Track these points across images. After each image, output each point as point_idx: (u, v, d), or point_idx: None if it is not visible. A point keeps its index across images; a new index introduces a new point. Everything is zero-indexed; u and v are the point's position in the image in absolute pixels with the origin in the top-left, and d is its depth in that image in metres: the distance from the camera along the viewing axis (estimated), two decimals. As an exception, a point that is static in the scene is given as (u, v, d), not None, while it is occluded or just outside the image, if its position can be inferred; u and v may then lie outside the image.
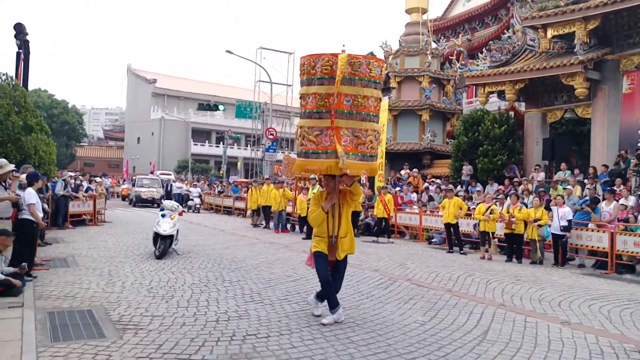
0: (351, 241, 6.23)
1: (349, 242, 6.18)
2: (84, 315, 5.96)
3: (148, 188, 30.00)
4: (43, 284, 7.56)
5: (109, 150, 77.93)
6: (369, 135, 5.85)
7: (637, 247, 10.89)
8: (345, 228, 6.12)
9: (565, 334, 5.96)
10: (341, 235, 6.07)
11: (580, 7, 16.66)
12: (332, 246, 6.03)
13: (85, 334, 5.28)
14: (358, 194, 6.28)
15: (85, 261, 9.68)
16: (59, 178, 15.78)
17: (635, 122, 16.64)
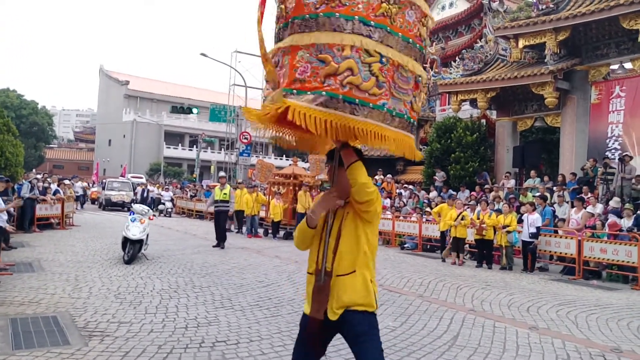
0: (362, 285, 3.04)
1: (354, 285, 3.04)
2: (49, 321, 5.82)
3: (118, 191, 29.60)
4: (6, 290, 7.36)
5: (79, 153, 76.64)
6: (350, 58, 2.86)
7: (604, 254, 11.13)
8: (349, 256, 3.06)
9: (533, 339, 6.03)
10: (337, 270, 3.07)
11: (551, 19, 16.98)
12: (319, 291, 3.15)
13: (49, 341, 5.16)
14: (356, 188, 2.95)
15: (52, 266, 9.47)
16: (26, 180, 15.45)
17: (603, 132, 17.01)
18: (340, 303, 3.06)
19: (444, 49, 32.29)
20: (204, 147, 53.27)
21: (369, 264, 3.12)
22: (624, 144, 16.33)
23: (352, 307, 3.05)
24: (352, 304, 3.04)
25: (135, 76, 68.21)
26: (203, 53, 32.43)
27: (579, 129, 17.91)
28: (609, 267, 11.37)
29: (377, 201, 3.03)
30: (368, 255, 3.11)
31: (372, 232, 3.13)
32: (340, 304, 3.06)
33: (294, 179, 17.82)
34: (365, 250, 3.10)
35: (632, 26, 15.09)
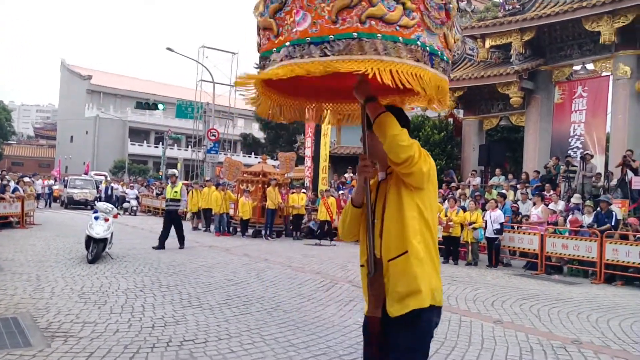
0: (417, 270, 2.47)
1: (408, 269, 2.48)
2: (9, 323, 5.64)
3: (81, 189, 28.99)
4: (-35, 290, 7.15)
5: (39, 149, 74.75)
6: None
7: (565, 249, 11.44)
8: (398, 235, 2.52)
9: (498, 333, 6.15)
10: (386, 254, 2.56)
11: (517, 19, 17.31)
12: (372, 284, 2.66)
13: (9, 342, 5.00)
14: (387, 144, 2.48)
15: (11, 266, 9.19)
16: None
17: (566, 131, 17.43)
18: (397, 295, 2.50)
19: (411, 47, 32.58)
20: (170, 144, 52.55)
21: (427, 241, 2.53)
22: (585, 142, 16.76)
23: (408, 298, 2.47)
24: (407, 295, 2.47)
25: (98, 71, 66.93)
26: (169, 48, 31.99)
27: (542, 128, 18.32)
28: (570, 262, 11.67)
29: (422, 159, 2.45)
30: (423, 230, 2.52)
31: (425, 200, 2.54)
32: (397, 295, 2.50)
33: (262, 176, 17.76)
34: (416, 224, 2.50)
35: (594, 28, 15.49)
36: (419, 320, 2.47)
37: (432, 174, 2.52)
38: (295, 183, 22.20)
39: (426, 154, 2.51)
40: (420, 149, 2.49)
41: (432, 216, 2.57)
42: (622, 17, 14.95)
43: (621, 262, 10.46)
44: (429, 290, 2.47)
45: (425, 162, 2.47)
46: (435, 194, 2.63)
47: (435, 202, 2.64)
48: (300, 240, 16.69)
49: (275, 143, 42.14)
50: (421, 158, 2.45)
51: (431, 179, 2.53)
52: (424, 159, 2.46)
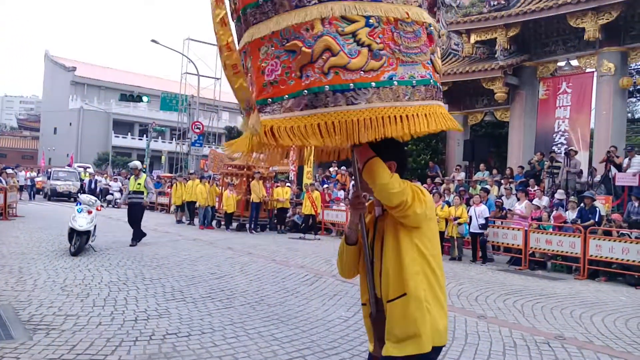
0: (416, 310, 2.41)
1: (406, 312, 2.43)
2: (-10, 315, 5.59)
3: (64, 181, 28.72)
4: (-56, 282, 7.04)
5: (22, 141, 73.75)
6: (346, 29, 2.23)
7: (549, 245, 11.52)
8: (396, 276, 2.46)
9: (482, 328, 6.18)
10: (386, 295, 2.51)
11: (502, 15, 17.37)
12: (374, 324, 2.60)
13: (-9, 335, 4.95)
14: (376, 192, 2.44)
15: (-6, 257, 9.10)
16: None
17: (550, 127, 17.56)
18: (394, 338, 2.45)
19: (397, 42, 32.62)
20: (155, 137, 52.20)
21: (430, 280, 2.46)
22: (570, 139, 16.90)
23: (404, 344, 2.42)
24: (404, 341, 2.42)
25: (82, 62, 66.13)
26: (154, 40, 31.73)
27: (526, 124, 18.44)
28: (554, 258, 11.76)
29: (416, 201, 2.38)
30: (426, 270, 2.45)
31: (424, 238, 2.48)
32: (395, 338, 2.45)
33: (247, 170, 17.67)
34: (416, 266, 2.44)
35: (579, 24, 15.60)
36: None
37: (429, 212, 2.46)
38: (280, 176, 22.12)
39: (421, 193, 2.43)
40: (414, 190, 2.42)
41: (434, 252, 2.50)
42: (606, 14, 15.07)
43: (604, 258, 10.55)
44: (430, 333, 2.40)
45: (421, 204, 2.39)
46: (435, 227, 2.58)
47: (436, 236, 2.56)
48: (285, 234, 16.66)
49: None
50: (415, 201, 2.38)
51: (428, 216, 2.47)
52: (418, 201, 2.39)
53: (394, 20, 2.29)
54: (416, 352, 2.39)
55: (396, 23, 2.30)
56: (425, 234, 2.48)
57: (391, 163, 2.52)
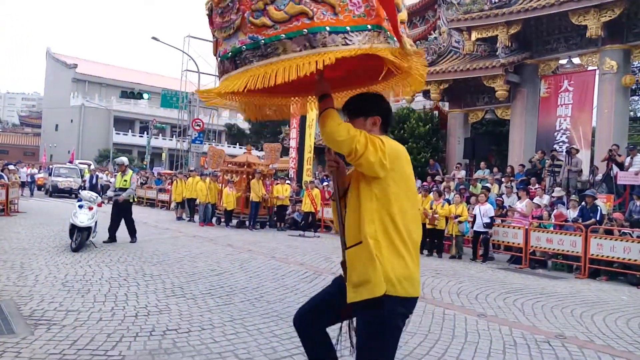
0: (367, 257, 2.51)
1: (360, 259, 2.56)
2: (-9, 310, 5.59)
3: (65, 177, 28.76)
4: (-55, 278, 7.04)
5: (24, 138, 73.82)
6: None
7: (550, 244, 11.50)
8: (354, 224, 2.61)
9: (482, 326, 6.16)
10: (347, 242, 2.69)
11: (503, 12, 17.33)
12: (343, 269, 2.79)
13: (-9, 330, 4.95)
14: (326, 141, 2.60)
15: (-6, 253, 9.11)
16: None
17: (552, 125, 17.54)
18: (351, 284, 2.58)
19: (398, 40, 32.52)
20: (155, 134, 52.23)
21: (388, 230, 2.51)
22: (571, 137, 16.88)
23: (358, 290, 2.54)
24: (358, 286, 2.54)
25: (83, 59, 66.13)
26: (155, 37, 31.71)
27: (528, 122, 18.41)
28: (555, 257, 11.75)
29: (369, 149, 2.46)
30: (384, 219, 2.52)
31: (386, 188, 2.53)
32: (351, 284, 2.59)
33: (247, 167, 17.67)
34: (373, 214, 2.52)
35: (581, 22, 15.56)
36: (374, 308, 2.49)
37: (390, 162, 2.50)
38: (280, 174, 22.13)
39: (380, 142, 2.49)
40: (370, 138, 2.48)
41: (397, 204, 2.54)
42: (608, 11, 15.03)
43: (605, 257, 10.54)
44: (382, 279, 2.46)
45: (376, 152, 2.46)
46: (404, 183, 2.61)
47: (404, 191, 2.59)
48: (284, 232, 16.66)
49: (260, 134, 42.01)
50: (368, 149, 2.45)
51: (390, 166, 2.51)
52: (373, 149, 2.46)
53: None
54: (369, 297, 2.47)
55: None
56: (388, 185, 2.53)
57: (375, 118, 2.70)
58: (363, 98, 2.77)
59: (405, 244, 2.54)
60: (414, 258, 2.57)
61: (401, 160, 2.59)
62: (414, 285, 2.56)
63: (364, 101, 2.73)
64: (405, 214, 2.57)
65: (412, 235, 2.58)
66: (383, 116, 2.73)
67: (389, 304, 2.48)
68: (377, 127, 2.72)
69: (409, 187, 2.63)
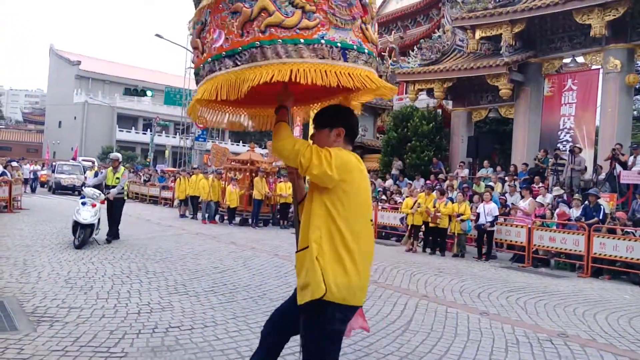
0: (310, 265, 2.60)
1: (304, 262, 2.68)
2: (-6, 307, 5.60)
3: (69, 174, 28.82)
4: (-51, 274, 7.07)
5: (27, 134, 73.92)
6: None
7: (552, 242, 11.49)
8: (304, 230, 2.74)
9: (484, 324, 6.17)
10: (298, 245, 2.84)
11: (507, 11, 17.29)
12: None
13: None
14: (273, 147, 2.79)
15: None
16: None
17: (555, 124, 17.51)
18: (298, 286, 2.71)
19: (402, 38, 32.47)
20: (159, 131, 52.30)
21: (333, 238, 2.59)
22: (575, 136, 16.86)
23: (303, 292, 2.63)
24: (302, 289, 2.64)
25: (87, 56, 66.16)
26: (158, 34, 31.71)
27: (531, 121, 18.37)
28: (557, 256, 11.74)
29: (313, 163, 2.56)
30: (330, 228, 2.60)
31: (335, 200, 2.62)
32: (298, 287, 2.71)
33: (250, 165, 17.68)
34: (320, 222, 2.62)
35: (585, 21, 15.51)
36: (314, 312, 2.58)
37: (338, 174, 2.57)
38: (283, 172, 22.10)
39: (327, 155, 2.57)
40: (316, 152, 2.58)
41: (346, 214, 2.61)
42: (613, 10, 14.98)
43: (608, 256, 10.52)
44: (321, 284, 2.52)
45: (320, 165, 2.54)
46: (355, 193, 2.66)
47: (354, 201, 2.65)
48: (287, 229, 16.67)
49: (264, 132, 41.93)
50: (312, 162, 2.55)
51: (339, 177, 2.58)
52: (317, 163, 2.55)
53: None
54: (309, 299, 2.56)
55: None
56: (337, 196, 2.61)
57: (340, 129, 2.78)
58: (330, 110, 2.87)
59: (349, 253, 2.60)
60: (358, 267, 2.62)
61: (352, 172, 2.64)
62: (354, 294, 2.62)
63: (330, 113, 2.83)
64: (354, 223, 2.64)
65: (359, 244, 2.64)
66: (347, 128, 2.81)
67: (328, 308, 2.56)
68: (342, 138, 2.80)
69: (360, 198, 2.69)
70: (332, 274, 2.55)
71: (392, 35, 29.41)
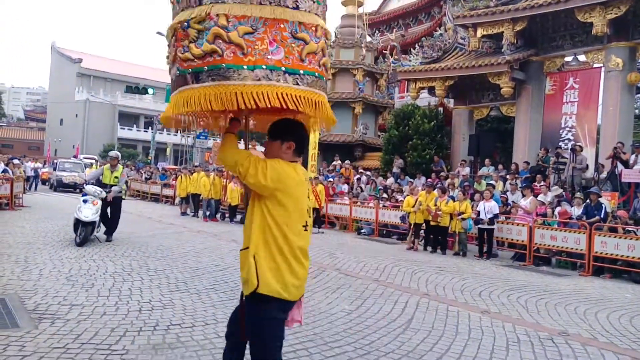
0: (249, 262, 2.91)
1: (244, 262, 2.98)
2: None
3: (70, 172, 28.84)
4: (-50, 271, 7.08)
5: (29, 132, 74.00)
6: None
7: (554, 241, 11.47)
8: (246, 232, 3.03)
9: (485, 323, 6.17)
10: (242, 244, 3.07)
11: (509, 9, 17.27)
12: None
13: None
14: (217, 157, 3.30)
15: (0, 247, 9.15)
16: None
17: (557, 122, 17.49)
18: (241, 280, 3.04)
19: (403, 36, 32.47)
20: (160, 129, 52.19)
21: (268, 242, 2.91)
22: (576, 134, 16.84)
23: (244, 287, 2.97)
24: (244, 282, 2.97)
25: (88, 54, 66.16)
26: (159, 32, 31.63)
27: (533, 119, 18.35)
28: (559, 254, 11.72)
29: (251, 174, 2.86)
30: (266, 232, 2.91)
31: (270, 207, 2.92)
32: (241, 281, 3.04)
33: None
34: (257, 226, 2.93)
35: (587, 19, 15.48)
36: (253, 305, 2.93)
37: (273, 183, 2.87)
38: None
39: (263, 167, 2.87)
40: (252, 164, 2.87)
41: (281, 220, 2.91)
42: (614, 8, 14.95)
43: (610, 255, 10.50)
44: (254, 280, 2.85)
45: (255, 176, 2.85)
46: (290, 201, 2.93)
47: (290, 208, 2.93)
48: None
49: (265, 130, 41.91)
50: (249, 173, 2.86)
51: (274, 187, 2.88)
52: (253, 173, 2.86)
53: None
54: (247, 292, 2.91)
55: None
56: (273, 203, 2.91)
57: (290, 143, 3.07)
58: (283, 124, 3.14)
59: (282, 254, 2.90)
60: (292, 266, 2.93)
61: (287, 182, 2.91)
62: (287, 289, 2.90)
63: (283, 127, 3.11)
64: (287, 228, 2.93)
65: (292, 247, 2.94)
66: (297, 142, 3.09)
67: (263, 300, 2.87)
68: (291, 150, 3.09)
69: (294, 206, 2.95)
70: (266, 271, 2.86)
71: (394, 34, 29.39)
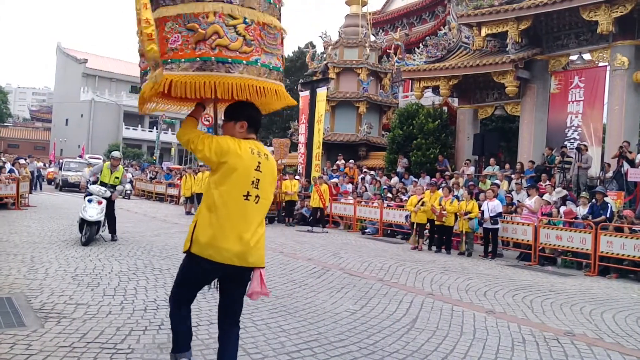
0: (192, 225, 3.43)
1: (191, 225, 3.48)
2: (3, 303, 5.62)
3: (75, 172, 28.93)
4: (-43, 270, 7.11)
5: (35, 132, 74.31)
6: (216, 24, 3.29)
7: (559, 241, 11.44)
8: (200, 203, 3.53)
9: (490, 323, 6.15)
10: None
11: (513, 8, 17.23)
12: None
13: (3, 322, 4.99)
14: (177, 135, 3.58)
15: (6, 246, 9.16)
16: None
17: (562, 121, 17.43)
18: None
19: (407, 35, 32.45)
20: (165, 129, 52.39)
21: (210, 208, 3.30)
22: (582, 134, 16.77)
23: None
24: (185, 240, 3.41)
25: (93, 54, 66.35)
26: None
27: (538, 118, 18.30)
28: (564, 254, 11.68)
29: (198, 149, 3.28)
30: (208, 200, 3.33)
31: (216, 180, 3.31)
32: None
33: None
34: (205, 195, 3.38)
35: (592, 17, 15.43)
36: (186, 258, 3.43)
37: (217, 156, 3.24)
38: (289, 169, 22.12)
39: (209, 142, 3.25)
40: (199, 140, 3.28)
41: (222, 188, 3.27)
42: (620, 7, 14.90)
43: (615, 255, 10.46)
44: (188, 242, 3.33)
45: (202, 151, 3.26)
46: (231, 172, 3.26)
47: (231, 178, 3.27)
48: (293, 227, 16.69)
49: (269, 129, 42.06)
50: (197, 148, 3.28)
51: (218, 160, 3.25)
52: (200, 148, 3.27)
53: (263, 23, 3.46)
54: (184, 250, 3.39)
55: (264, 25, 3.47)
56: (219, 174, 3.29)
57: (243, 122, 3.45)
58: (235, 106, 3.49)
59: (219, 220, 3.27)
60: (225, 232, 3.26)
61: (229, 154, 3.24)
62: (219, 253, 3.27)
63: (235, 108, 3.47)
64: (228, 198, 3.28)
65: (230, 214, 3.28)
66: (249, 120, 3.46)
67: (193, 257, 3.34)
68: (244, 129, 3.46)
69: (235, 177, 3.29)
70: (201, 235, 3.27)
71: (398, 33, 29.32)
